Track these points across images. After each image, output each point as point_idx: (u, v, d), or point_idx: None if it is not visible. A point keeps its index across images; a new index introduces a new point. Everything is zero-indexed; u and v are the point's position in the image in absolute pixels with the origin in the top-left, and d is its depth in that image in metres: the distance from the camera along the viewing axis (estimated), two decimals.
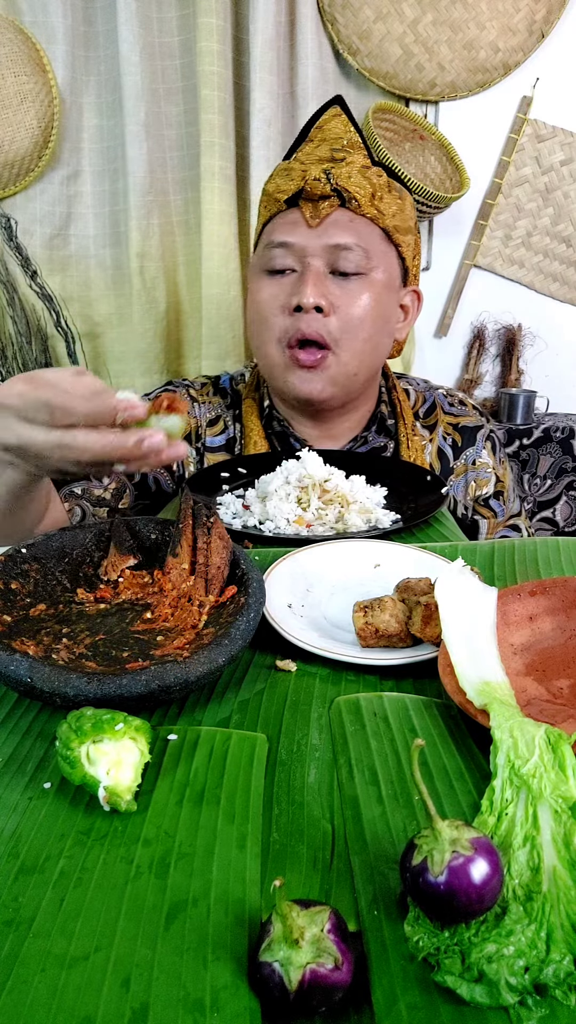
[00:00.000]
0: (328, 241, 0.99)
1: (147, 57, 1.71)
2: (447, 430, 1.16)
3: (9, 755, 0.49)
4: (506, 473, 1.17)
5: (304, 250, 1.00)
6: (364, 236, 1.01)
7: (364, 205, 1.00)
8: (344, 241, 0.99)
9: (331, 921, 0.34)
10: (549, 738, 0.42)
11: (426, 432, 1.16)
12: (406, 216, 1.05)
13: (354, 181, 0.99)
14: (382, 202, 1.01)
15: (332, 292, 1.00)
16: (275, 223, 1.04)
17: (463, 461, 1.14)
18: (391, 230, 1.03)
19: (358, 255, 1.00)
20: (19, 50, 1.67)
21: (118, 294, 1.88)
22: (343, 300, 1.00)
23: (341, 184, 0.99)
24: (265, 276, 1.03)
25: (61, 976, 0.34)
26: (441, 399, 1.18)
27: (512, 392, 1.96)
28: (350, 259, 0.99)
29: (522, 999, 0.32)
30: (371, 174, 1.01)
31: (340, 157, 1.00)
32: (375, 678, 0.57)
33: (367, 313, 1.01)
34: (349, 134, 1.02)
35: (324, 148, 1.01)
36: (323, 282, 1.00)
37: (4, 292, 1.82)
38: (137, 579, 0.67)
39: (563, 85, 1.85)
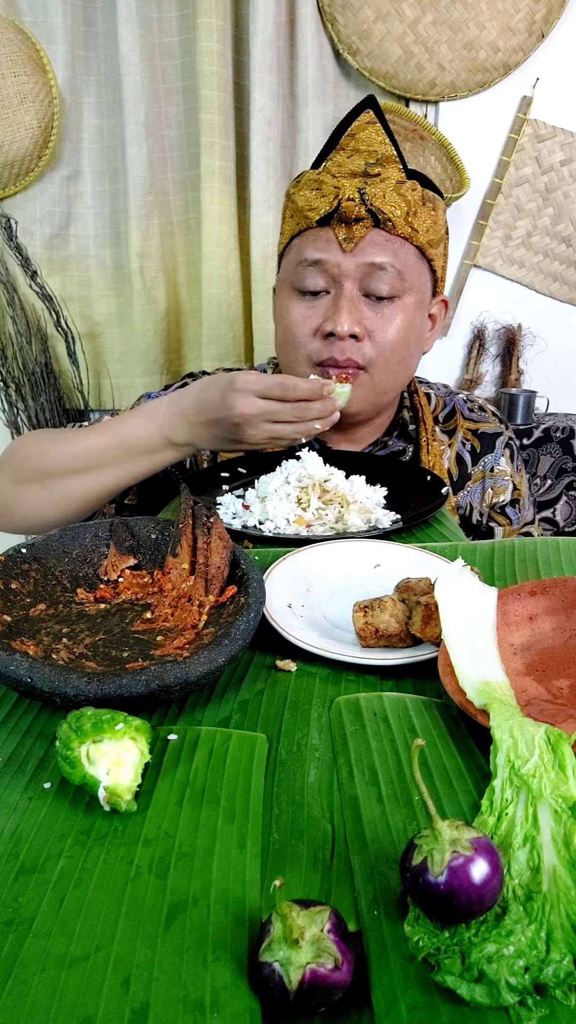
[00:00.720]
0: (363, 259, 0.97)
1: (147, 57, 1.71)
2: (466, 436, 1.15)
3: (9, 755, 0.49)
4: (523, 481, 1.17)
5: (338, 271, 0.98)
6: (399, 257, 0.99)
7: (399, 225, 0.97)
8: (380, 260, 0.97)
9: (331, 921, 0.34)
10: (549, 738, 0.42)
11: (445, 437, 1.15)
12: (439, 227, 1.03)
13: (389, 200, 0.96)
14: (416, 218, 0.99)
15: (366, 316, 0.99)
16: (305, 240, 1.00)
17: (481, 467, 1.14)
18: (424, 246, 1.01)
19: (392, 276, 0.98)
20: (19, 50, 1.67)
21: (118, 294, 1.88)
22: (377, 324, 0.99)
23: (376, 205, 0.96)
24: (296, 295, 1.02)
25: (61, 976, 0.34)
26: (461, 404, 1.18)
27: (512, 392, 1.96)
28: (384, 280, 0.98)
29: (522, 999, 0.32)
30: (405, 190, 0.98)
31: (375, 172, 0.97)
32: (375, 678, 0.57)
33: (401, 337, 1.00)
34: (384, 147, 0.98)
35: (357, 161, 0.97)
36: (358, 307, 0.98)
37: (4, 292, 1.82)
38: (137, 579, 0.67)
39: (563, 85, 1.85)
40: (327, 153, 1.01)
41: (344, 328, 0.96)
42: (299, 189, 1.01)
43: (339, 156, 0.99)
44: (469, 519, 1.15)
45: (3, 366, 1.84)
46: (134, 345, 1.89)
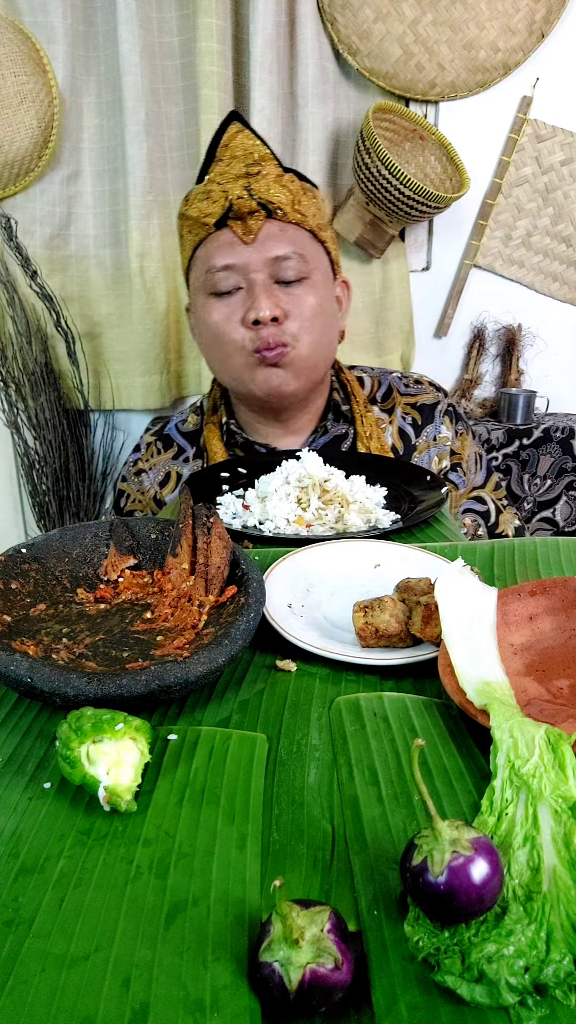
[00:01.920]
0: (267, 255, 1.03)
1: (147, 57, 1.71)
2: (405, 410, 1.19)
3: (9, 755, 0.49)
4: (464, 446, 1.19)
5: (247, 267, 1.03)
6: (297, 242, 1.05)
7: (289, 212, 1.04)
8: (282, 252, 1.03)
9: (331, 921, 0.34)
10: (549, 738, 0.42)
11: (385, 415, 1.18)
12: (323, 214, 1.10)
13: (274, 192, 1.02)
14: (302, 205, 1.05)
15: (282, 299, 1.04)
16: (208, 247, 1.06)
17: (424, 438, 1.17)
18: (316, 230, 1.08)
19: (297, 262, 1.04)
20: (19, 50, 1.67)
21: (118, 294, 1.88)
22: (293, 305, 1.05)
23: (264, 197, 1.02)
24: (213, 299, 1.07)
25: (61, 976, 0.34)
26: (396, 381, 1.21)
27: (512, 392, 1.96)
28: (290, 267, 1.04)
29: (522, 999, 0.32)
30: (286, 181, 1.04)
31: (255, 171, 1.03)
32: (375, 678, 0.57)
33: (317, 312, 1.06)
34: (257, 147, 1.05)
35: (237, 165, 1.03)
36: (273, 293, 1.04)
37: (4, 292, 1.82)
38: (137, 579, 0.67)
39: (563, 85, 1.85)
40: (207, 167, 1.07)
41: (265, 313, 1.01)
42: (190, 205, 1.07)
43: (219, 166, 1.05)
44: None
45: (3, 366, 1.84)
46: (134, 345, 1.89)
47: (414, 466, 1.05)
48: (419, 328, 2.02)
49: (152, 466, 1.21)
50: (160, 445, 1.22)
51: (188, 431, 1.22)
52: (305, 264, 1.05)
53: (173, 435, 1.23)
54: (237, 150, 1.04)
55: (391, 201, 1.73)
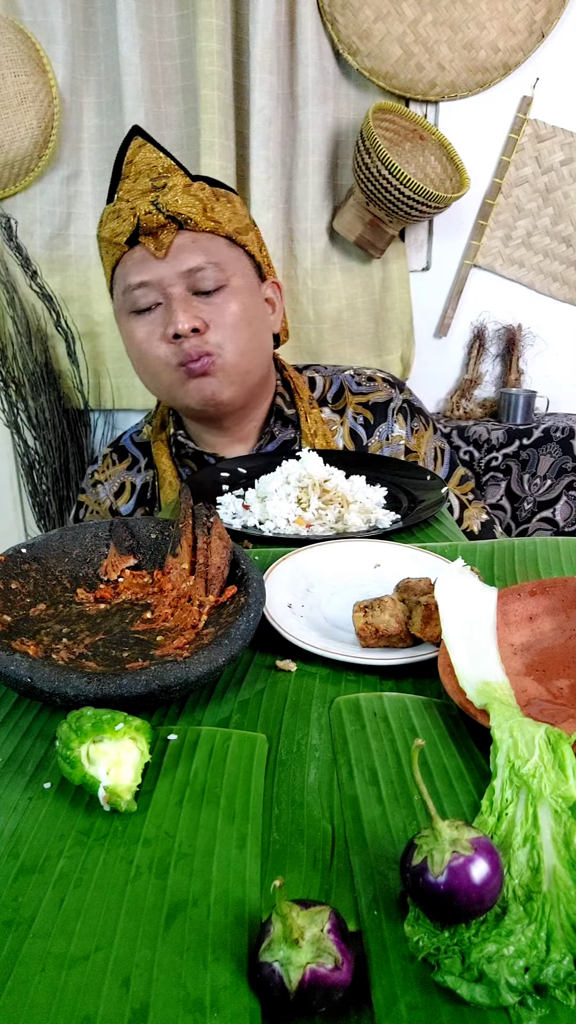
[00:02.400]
0: (181, 268, 1.02)
1: (147, 57, 1.71)
2: (356, 410, 1.16)
3: (9, 755, 0.49)
4: (421, 443, 1.17)
5: (162, 282, 1.02)
6: (211, 251, 1.03)
7: (200, 221, 1.02)
8: (195, 263, 1.02)
9: (331, 921, 0.34)
10: (549, 738, 0.42)
11: (336, 416, 1.16)
12: (240, 217, 1.08)
13: (183, 202, 1.01)
14: (215, 212, 1.04)
15: (201, 310, 1.03)
16: (125, 266, 1.05)
17: (377, 438, 1.15)
18: (232, 235, 1.06)
19: (212, 271, 1.02)
20: (19, 50, 1.67)
21: None
22: (213, 315, 1.03)
23: (172, 209, 1.00)
24: (134, 317, 1.06)
25: (61, 976, 0.34)
26: (348, 380, 1.19)
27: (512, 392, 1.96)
28: (207, 277, 1.02)
29: (522, 999, 0.32)
30: (195, 190, 1.02)
31: (161, 184, 1.01)
32: (375, 678, 0.57)
33: (239, 318, 1.04)
34: (161, 160, 1.03)
35: (143, 181, 1.02)
36: (191, 305, 1.02)
37: (4, 292, 1.82)
38: (137, 579, 0.67)
39: (563, 85, 1.85)
40: (115, 186, 1.05)
41: (184, 326, 1.00)
42: (103, 226, 1.06)
43: (126, 183, 1.04)
44: None
45: (3, 366, 1.84)
46: None
47: (414, 466, 1.05)
48: (419, 328, 2.02)
49: (107, 477, 1.21)
50: (115, 456, 1.23)
51: (141, 442, 1.22)
52: (222, 272, 1.03)
53: (128, 446, 1.23)
54: (141, 164, 1.03)
55: (391, 201, 1.73)
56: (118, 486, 1.20)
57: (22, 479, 1.97)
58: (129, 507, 1.19)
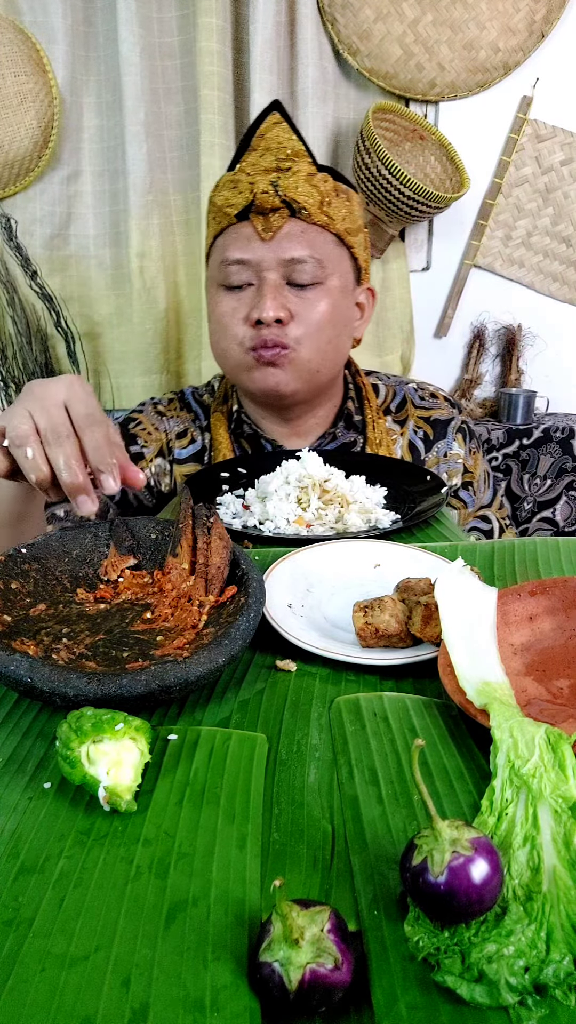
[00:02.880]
0: (283, 255, 1.01)
1: (147, 57, 1.71)
2: (418, 424, 1.17)
3: (9, 755, 0.49)
4: (476, 464, 1.18)
5: (260, 265, 1.02)
6: (317, 245, 1.02)
7: (314, 213, 1.01)
8: (298, 254, 1.01)
9: (331, 921, 0.34)
10: (549, 738, 0.42)
11: (396, 427, 1.17)
12: (355, 217, 1.07)
13: (302, 191, 1.00)
14: (331, 207, 1.02)
15: (290, 301, 1.02)
16: (227, 237, 1.04)
17: (435, 454, 1.16)
18: (342, 234, 1.05)
19: (312, 266, 1.02)
20: (19, 50, 1.67)
21: (118, 294, 1.88)
22: (301, 308, 1.03)
23: (289, 195, 0.99)
24: (223, 290, 1.05)
25: (61, 976, 0.34)
26: (412, 393, 1.20)
27: (512, 392, 1.96)
28: (305, 271, 1.01)
29: (522, 999, 0.32)
30: (317, 181, 1.01)
31: (286, 167, 1.01)
32: (375, 678, 0.57)
33: (325, 319, 1.04)
34: (292, 142, 1.02)
35: (269, 158, 1.01)
36: (281, 294, 1.02)
37: (4, 292, 1.82)
38: (137, 579, 0.67)
39: (563, 85, 1.85)
40: (240, 155, 1.04)
41: (269, 314, 1.00)
42: (218, 191, 1.05)
43: (251, 156, 1.03)
44: None
45: (3, 366, 1.84)
46: (134, 345, 1.89)
47: (414, 466, 1.05)
48: (419, 328, 2.02)
49: (173, 416, 1.19)
50: (179, 404, 1.21)
51: (202, 403, 1.21)
52: (321, 269, 1.02)
53: (191, 401, 1.22)
54: (272, 142, 1.02)
55: (391, 201, 1.73)
56: (182, 429, 1.18)
57: None
58: (185, 453, 1.17)
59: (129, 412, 1.22)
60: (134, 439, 1.16)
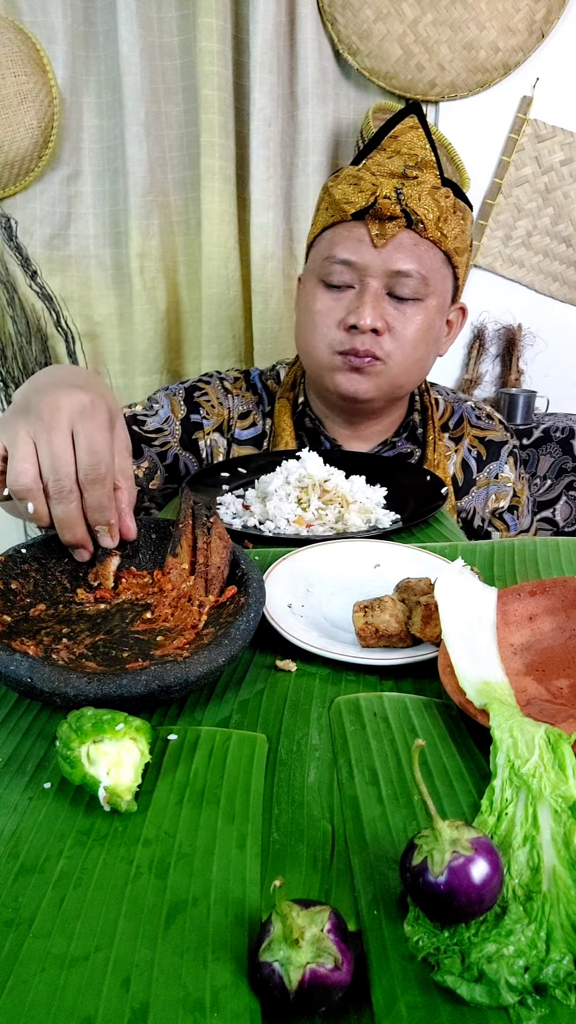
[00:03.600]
0: (391, 266, 1.00)
1: (147, 57, 1.71)
2: (472, 443, 1.18)
3: (9, 755, 0.49)
4: (524, 490, 1.20)
5: (366, 270, 1.01)
6: (425, 261, 1.01)
7: (430, 228, 1.00)
8: (405, 267, 1.00)
9: (331, 921, 0.34)
10: (549, 738, 0.42)
11: (452, 443, 1.18)
12: (466, 236, 1.06)
13: (423, 203, 0.99)
14: (447, 224, 1.02)
15: (388, 313, 1.02)
16: (338, 233, 1.03)
17: (486, 474, 1.17)
18: (451, 252, 1.04)
19: (416, 281, 1.01)
20: (19, 50, 1.67)
21: (118, 294, 1.88)
22: (398, 322, 1.02)
23: (411, 206, 0.98)
24: (322, 286, 1.05)
25: (61, 976, 0.34)
26: (469, 412, 1.21)
27: (512, 392, 1.96)
28: (408, 285, 1.01)
29: (522, 999, 0.32)
30: (439, 196, 1.01)
31: (412, 175, 0.99)
32: (375, 678, 0.57)
33: (419, 336, 1.04)
34: (424, 151, 1.01)
35: (397, 162, 1.00)
36: (380, 304, 1.01)
37: (4, 292, 1.82)
38: (137, 579, 0.67)
39: (563, 85, 1.85)
40: (368, 151, 1.03)
41: (367, 322, 0.99)
42: (338, 183, 1.04)
43: (380, 156, 1.02)
44: (471, 523, 1.17)
45: (3, 366, 1.84)
46: (134, 345, 1.89)
47: (414, 466, 1.05)
48: None
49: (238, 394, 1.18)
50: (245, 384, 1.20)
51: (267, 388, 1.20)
52: (425, 286, 1.02)
53: (257, 383, 1.21)
54: (403, 146, 1.01)
55: None
56: (245, 410, 1.18)
57: None
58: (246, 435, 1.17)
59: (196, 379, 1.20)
60: (197, 408, 1.16)
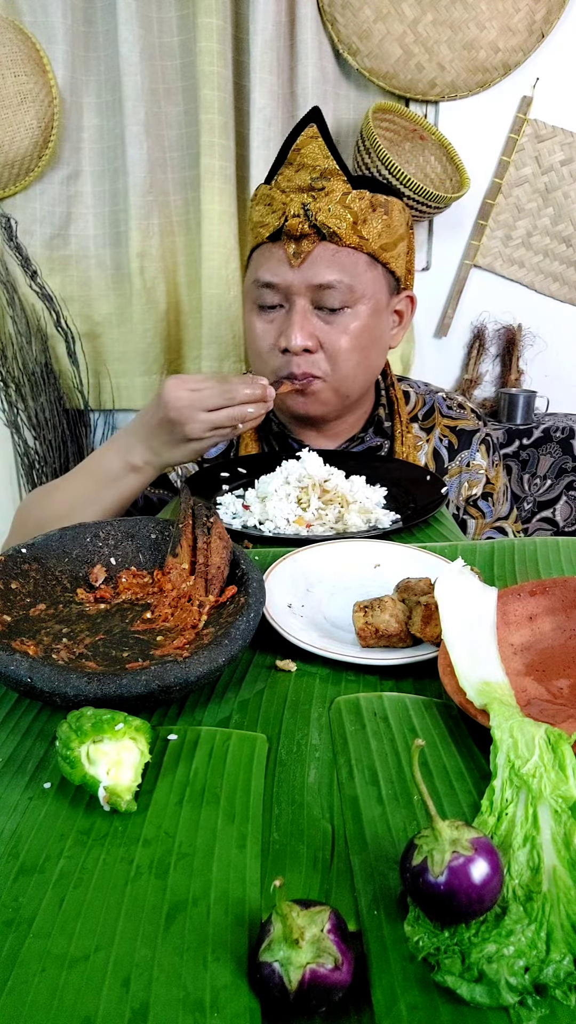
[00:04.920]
0: (312, 281, 1.00)
1: (147, 57, 1.71)
2: (444, 432, 1.18)
3: (9, 755, 0.49)
4: (498, 476, 1.19)
5: (289, 290, 1.01)
6: (348, 269, 1.00)
7: (346, 236, 0.99)
8: (327, 280, 1.00)
9: (331, 921, 0.34)
10: (549, 738, 0.42)
11: (423, 434, 1.18)
12: (393, 230, 1.04)
13: (333, 213, 0.98)
14: (365, 226, 1.00)
15: (319, 328, 1.02)
16: (261, 255, 1.04)
17: (458, 463, 1.17)
18: (376, 252, 1.02)
19: (342, 291, 1.00)
20: (19, 50, 1.67)
21: (118, 294, 1.88)
22: (330, 336, 1.02)
23: (321, 220, 0.97)
24: (256, 309, 1.06)
25: (61, 976, 0.34)
26: (440, 402, 1.20)
27: (512, 392, 1.96)
28: (334, 296, 1.01)
29: (522, 999, 0.32)
30: (351, 200, 0.98)
31: (319, 187, 0.98)
32: (375, 678, 0.57)
33: (355, 344, 1.03)
34: (327, 161, 0.99)
35: (303, 175, 0.99)
36: (309, 321, 1.01)
37: (4, 292, 1.82)
38: (137, 579, 0.67)
39: (563, 85, 1.85)
40: (278, 167, 1.02)
41: (296, 344, 1.00)
42: (256, 203, 1.05)
43: (288, 171, 1.01)
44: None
45: (3, 366, 1.84)
46: (134, 345, 1.89)
47: (414, 466, 1.05)
48: (419, 328, 2.02)
49: None
50: None
51: None
52: (352, 293, 1.01)
53: None
54: (306, 158, 0.99)
55: None
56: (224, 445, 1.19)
57: (22, 479, 1.97)
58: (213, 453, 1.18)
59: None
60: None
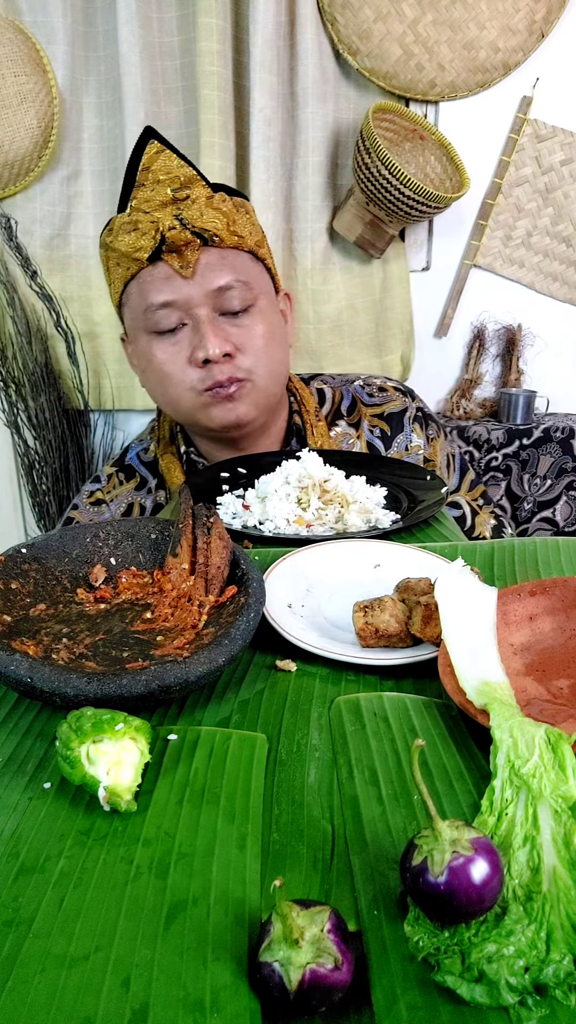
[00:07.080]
0: (208, 287, 0.98)
1: (147, 57, 1.71)
2: (372, 422, 1.14)
3: (9, 755, 0.49)
4: (436, 451, 1.15)
5: (188, 303, 0.98)
6: (239, 267, 1.00)
7: (225, 237, 0.98)
8: (225, 282, 0.98)
9: (331, 921, 0.34)
10: (549, 738, 0.42)
11: (352, 430, 1.14)
12: (257, 228, 1.04)
13: (208, 217, 0.96)
14: (237, 225, 0.99)
15: (230, 333, 1.00)
16: (143, 281, 1.00)
17: (396, 449, 1.14)
18: (254, 249, 1.02)
19: (241, 290, 0.99)
20: (19, 50, 1.67)
21: None
22: (242, 337, 1.01)
23: (198, 225, 0.96)
24: (155, 337, 1.02)
25: (61, 976, 0.34)
26: (359, 391, 1.17)
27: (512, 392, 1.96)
28: (234, 297, 0.99)
29: (522, 999, 0.32)
30: (217, 202, 0.97)
31: (183, 196, 0.96)
32: (375, 678, 0.57)
33: (268, 340, 1.02)
34: (182, 169, 0.97)
35: (162, 190, 0.96)
36: (220, 327, 0.99)
37: (4, 292, 1.82)
38: (137, 579, 0.67)
39: (563, 85, 1.85)
40: (128, 193, 0.99)
41: (216, 351, 0.97)
42: (115, 236, 1.00)
43: (142, 192, 0.97)
44: None
45: (3, 366, 1.84)
46: None
47: (414, 466, 1.05)
48: (419, 328, 2.02)
49: (113, 498, 1.16)
50: (122, 476, 1.18)
51: (149, 461, 1.18)
52: (249, 291, 1.00)
53: (135, 465, 1.18)
54: (160, 173, 0.96)
55: (391, 201, 1.73)
56: (126, 507, 1.16)
57: (22, 479, 1.97)
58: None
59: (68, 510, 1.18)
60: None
